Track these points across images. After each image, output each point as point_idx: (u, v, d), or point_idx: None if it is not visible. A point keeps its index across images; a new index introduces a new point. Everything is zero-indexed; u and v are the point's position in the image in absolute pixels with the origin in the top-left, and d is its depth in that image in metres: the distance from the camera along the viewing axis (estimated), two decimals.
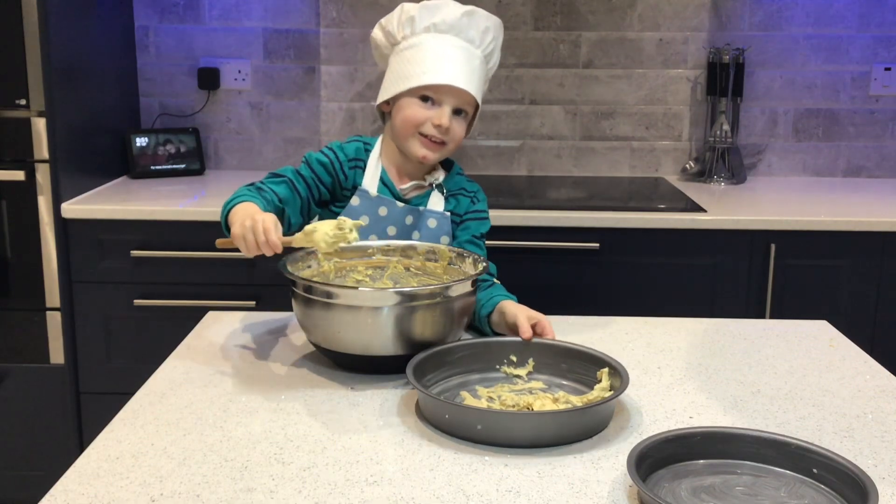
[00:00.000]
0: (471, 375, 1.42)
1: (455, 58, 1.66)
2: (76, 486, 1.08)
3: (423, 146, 1.68)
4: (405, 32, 1.69)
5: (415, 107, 1.66)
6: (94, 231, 2.51)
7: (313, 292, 1.39)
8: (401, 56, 1.69)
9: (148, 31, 3.02)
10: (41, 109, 2.45)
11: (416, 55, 1.67)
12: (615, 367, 1.33)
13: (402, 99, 1.68)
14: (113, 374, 2.58)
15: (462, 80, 1.65)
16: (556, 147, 3.11)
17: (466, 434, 1.20)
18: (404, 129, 1.68)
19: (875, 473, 1.12)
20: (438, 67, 1.64)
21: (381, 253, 1.62)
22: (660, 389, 1.40)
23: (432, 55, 1.65)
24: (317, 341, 1.45)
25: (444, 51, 1.66)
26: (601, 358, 1.37)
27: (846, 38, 3.03)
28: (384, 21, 1.74)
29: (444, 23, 1.67)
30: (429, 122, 1.66)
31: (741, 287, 2.53)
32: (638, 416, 1.29)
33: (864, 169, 3.13)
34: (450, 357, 1.41)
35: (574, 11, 3.02)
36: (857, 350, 1.61)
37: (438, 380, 1.38)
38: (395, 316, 1.36)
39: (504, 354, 1.45)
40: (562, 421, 1.21)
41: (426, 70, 1.65)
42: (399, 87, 1.68)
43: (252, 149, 3.11)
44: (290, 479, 1.10)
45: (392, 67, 1.72)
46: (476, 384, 1.40)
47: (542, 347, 1.45)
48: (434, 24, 1.67)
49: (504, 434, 1.18)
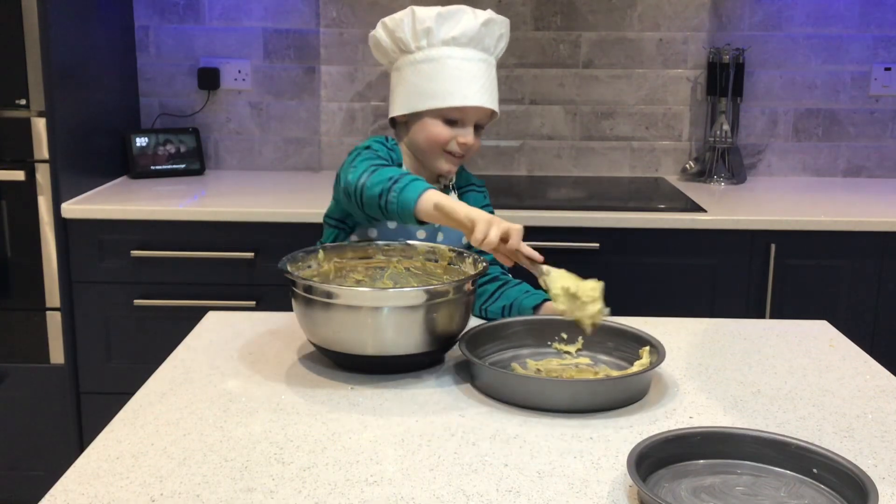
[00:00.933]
0: (522, 350, 1.53)
1: (477, 73, 1.65)
2: (76, 486, 1.08)
3: (447, 162, 1.69)
4: (421, 43, 1.65)
5: (439, 127, 1.66)
6: (94, 231, 2.51)
7: (313, 292, 1.40)
8: (418, 69, 1.66)
9: (148, 31, 3.02)
10: (41, 109, 2.45)
11: (439, 72, 1.64)
12: (655, 345, 1.43)
13: (424, 117, 1.67)
14: (113, 374, 2.58)
15: (486, 97, 1.65)
16: (556, 147, 3.11)
17: (508, 398, 1.33)
18: (430, 149, 1.68)
19: (875, 473, 1.12)
20: (464, 87, 1.63)
21: (381, 253, 1.62)
22: (659, 389, 1.40)
23: (457, 73, 1.63)
24: (316, 341, 1.45)
25: (467, 67, 1.64)
26: (643, 337, 1.46)
27: (846, 38, 3.03)
28: (391, 25, 1.68)
29: (465, 35, 1.64)
30: (454, 141, 1.66)
31: (741, 287, 2.53)
32: (638, 416, 1.29)
33: (864, 169, 3.13)
34: (505, 332, 1.53)
35: (574, 11, 3.02)
36: (857, 350, 1.61)
37: (493, 351, 1.50)
38: (394, 316, 1.37)
39: (556, 332, 1.55)
40: (594, 388, 1.33)
41: (452, 91, 1.63)
42: (421, 105, 1.66)
43: (252, 149, 3.12)
44: (290, 479, 1.10)
45: (408, 79, 1.68)
46: (527, 357, 1.51)
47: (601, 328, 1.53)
48: (454, 38, 1.64)
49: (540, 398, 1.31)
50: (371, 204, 1.50)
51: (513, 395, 1.32)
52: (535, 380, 1.38)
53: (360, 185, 1.50)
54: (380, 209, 1.49)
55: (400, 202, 1.45)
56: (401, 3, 2.99)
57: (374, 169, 1.52)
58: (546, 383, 1.36)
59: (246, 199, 2.66)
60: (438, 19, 1.64)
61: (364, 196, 1.50)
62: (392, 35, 1.69)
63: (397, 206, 1.46)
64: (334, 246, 1.61)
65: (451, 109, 1.64)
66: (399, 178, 1.48)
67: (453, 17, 1.65)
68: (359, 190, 1.51)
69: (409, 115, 1.69)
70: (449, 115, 1.65)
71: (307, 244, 1.61)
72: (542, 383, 1.35)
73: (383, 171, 1.51)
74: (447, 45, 1.64)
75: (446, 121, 1.66)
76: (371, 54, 3.03)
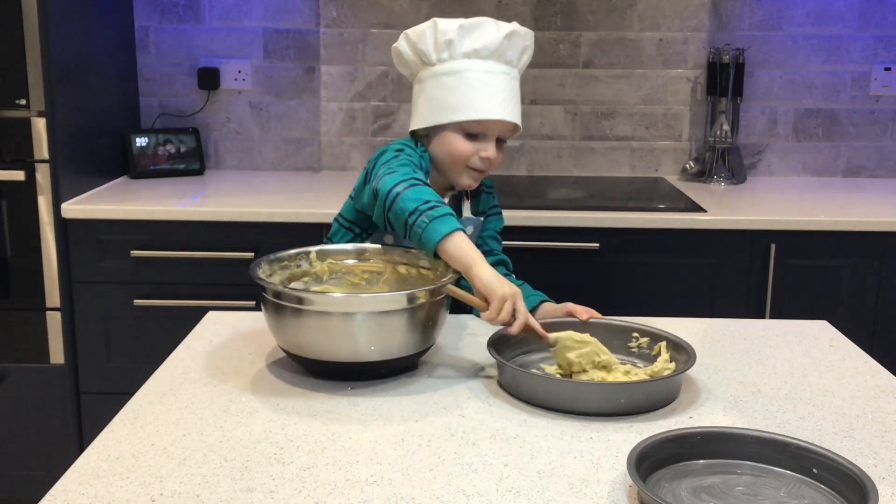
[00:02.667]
0: (532, 355, 1.51)
1: (500, 86, 1.63)
2: (76, 486, 1.08)
3: (468, 177, 1.68)
4: (442, 55, 1.64)
5: (460, 141, 1.64)
6: (93, 231, 2.51)
7: (283, 298, 1.38)
8: (439, 81, 1.64)
9: (148, 31, 3.02)
10: (41, 109, 2.45)
11: (460, 85, 1.62)
12: (678, 343, 1.45)
13: (445, 130, 1.65)
14: (113, 374, 2.58)
15: (509, 111, 1.63)
16: (556, 147, 3.11)
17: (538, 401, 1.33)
18: (453, 164, 1.66)
19: (875, 473, 1.12)
20: (485, 101, 1.61)
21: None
22: None
23: (478, 86, 1.61)
24: (286, 347, 1.43)
25: (489, 80, 1.62)
26: (660, 334, 1.49)
27: (846, 38, 3.03)
28: (414, 37, 1.66)
29: (487, 48, 1.62)
30: (475, 156, 1.65)
31: (741, 287, 2.53)
32: (638, 416, 1.29)
33: (864, 169, 3.13)
34: (514, 338, 1.48)
35: (574, 11, 3.02)
36: (857, 350, 1.61)
37: (511, 357, 1.46)
38: (367, 322, 1.35)
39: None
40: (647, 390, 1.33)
41: (473, 104, 1.61)
42: (442, 118, 1.64)
43: (252, 149, 3.12)
44: (290, 479, 1.10)
45: (429, 92, 1.66)
46: (540, 362, 1.50)
47: (600, 326, 1.55)
48: (476, 51, 1.62)
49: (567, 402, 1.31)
50: (398, 216, 1.46)
51: (566, 402, 1.30)
52: (601, 386, 1.36)
53: (395, 194, 1.46)
54: (404, 226, 1.45)
55: (428, 230, 1.42)
56: (400, 4, 2.99)
57: (414, 183, 1.48)
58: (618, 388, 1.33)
59: (246, 199, 2.66)
60: (461, 31, 1.62)
61: (394, 205, 1.46)
62: (414, 47, 1.66)
63: (423, 232, 1.42)
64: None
65: (472, 123, 1.62)
66: (436, 205, 1.45)
67: (476, 30, 1.63)
68: (391, 197, 1.47)
69: (429, 127, 1.67)
70: (470, 129, 1.63)
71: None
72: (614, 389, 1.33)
73: (423, 191, 1.47)
74: (469, 58, 1.62)
75: (467, 134, 1.64)
76: (371, 54, 3.05)
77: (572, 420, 1.28)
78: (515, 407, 1.32)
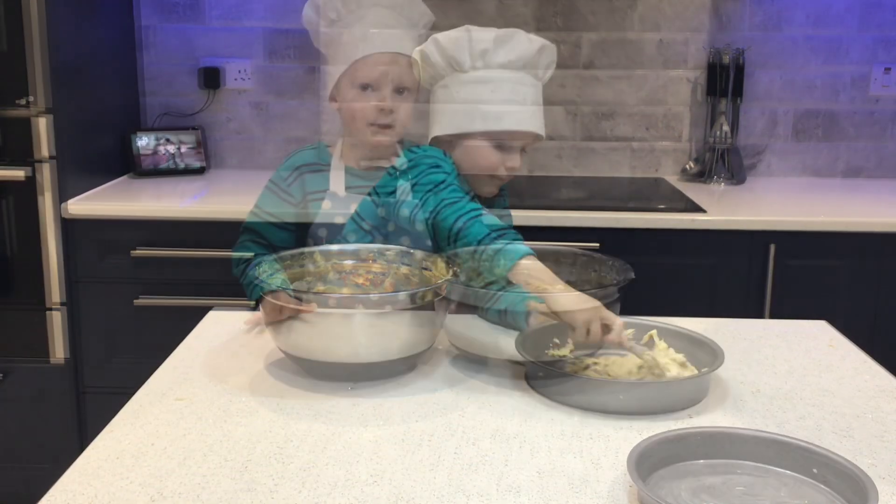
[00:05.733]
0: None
1: (529, 98, 1.64)
2: (76, 485, 1.08)
3: (492, 185, 1.69)
4: (476, 64, 1.64)
5: (489, 152, 1.65)
6: (96, 230, 2.52)
7: (283, 298, 1.38)
8: (471, 89, 1.65)
9: (150, 31, 3.02)
10: (43, 108, 2.45)
11: (493, 94, 1.63)
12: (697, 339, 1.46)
13: (473, 139, 1.65)
14: (114, 373, 2.58)
15: (537, 123, 1.65)
16: (557, 147, 3.11)
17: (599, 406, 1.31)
18: (479, 173, 1.67)
19: (874, 473, 1.12)
20: (516, 112, 1.63)
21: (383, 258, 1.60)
22: None
23: (511, 96, 1.63)
24: (286, 348, 1.43)
25: (520, 91, 1.63)
26: (688, 335, 1.49)
27: (846, 38, 3.03)
28: (445, 42, 1.66)
29: (521, 59, 1.63)
30: (502, 166, 1.66)
31: (741, 287, 2.53)
32: (638, 416, 1.30)
33: (863, 169, 3.13)
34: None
35: (575, 12, 3.02)
36: (857, 350, 1.61)
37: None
38: (363, 322, 1.35)
39: (548, 339, 1.49)
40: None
41: (505, 114, 1.62)
42: (472, 126, 1.65)
43: (253, 148, 3.12)
44: (291, 479, 1.10)
45: (458, 98, 1.66)
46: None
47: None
48: (510, 61, 1.63)
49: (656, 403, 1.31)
50: (465, 247, 1.47)
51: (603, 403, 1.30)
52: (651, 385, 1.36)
53: (458, 230, 1.48)
54: (472, 253, 1.45)
55: (498, 256, 1.41)
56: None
57: (476, 216, 1.49)
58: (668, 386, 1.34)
59: (247, 199, 2.64)
60: (496, 42, 1.63)
61: (459, 241, 1.48)
62: (444, 53, 1.66)
63: (495, 258, 1.42)
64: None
65: (503, 133, 1.63)
66: (503, 233, 1.45)
67: (510, 41, 1.64)
68: (454, 234, 1.48)
69: (454, 134, 1.67)
70: (500, 138, 1.64)
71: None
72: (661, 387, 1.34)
73: (486, 222, 1.47)
74: (503, 68, 1.63)
75: (493, 143, 1.65)
76: None
77: (572, 419, 1.28)
78: (515, 406, 1.32)
